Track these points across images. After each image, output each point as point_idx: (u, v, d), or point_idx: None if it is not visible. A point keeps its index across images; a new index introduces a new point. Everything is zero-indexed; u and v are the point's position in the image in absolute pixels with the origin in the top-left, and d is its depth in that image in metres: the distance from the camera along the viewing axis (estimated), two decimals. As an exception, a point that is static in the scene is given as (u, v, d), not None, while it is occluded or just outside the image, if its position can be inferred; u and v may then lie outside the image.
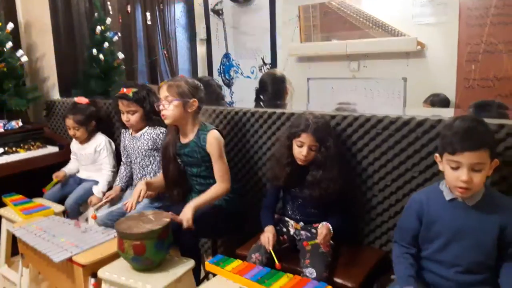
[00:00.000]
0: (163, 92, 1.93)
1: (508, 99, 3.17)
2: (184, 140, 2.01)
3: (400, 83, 3.46)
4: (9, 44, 2.85)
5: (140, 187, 1.93)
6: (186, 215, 1.80)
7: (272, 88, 2.56)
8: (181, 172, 2.07)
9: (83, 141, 2.69)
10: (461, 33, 3.24)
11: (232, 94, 4.39)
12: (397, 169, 1.77)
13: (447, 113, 3.20)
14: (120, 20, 3.71)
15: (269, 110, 2.14)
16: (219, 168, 1.94)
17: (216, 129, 1.98)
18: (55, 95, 3.31)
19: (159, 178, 2.12)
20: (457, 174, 1.30)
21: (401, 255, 1.47)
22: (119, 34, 3.41)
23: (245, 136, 2.24)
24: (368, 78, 3.58)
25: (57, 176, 2.63)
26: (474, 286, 1.36)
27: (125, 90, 2.28)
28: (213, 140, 1.93)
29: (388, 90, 3.54)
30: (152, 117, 2.29)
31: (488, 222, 1.34)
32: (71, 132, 2.64)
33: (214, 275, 1.63)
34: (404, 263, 1.44)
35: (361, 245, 1.91)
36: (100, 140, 2.69)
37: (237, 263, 1.64)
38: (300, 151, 1.75)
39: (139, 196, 1.91)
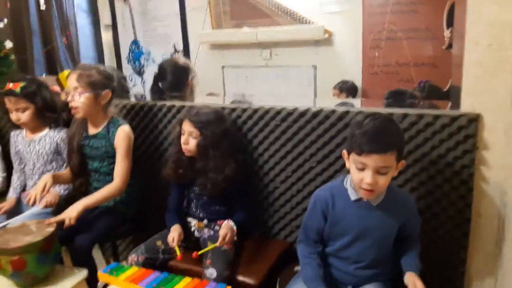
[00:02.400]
0: (72, 82, 1.76)
1: (409, 84, 3.35)
2: (91, 131, 1.88)
3: (310, 70, 3.51)
4: None
5: (46, 178, 1.76)
6: (70, 213, 1.66)
7: (172, 78, 2.40)
8: (85, 163, 1.93)
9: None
10: (364, 21, 3.34)
11: (143, 83, 4.17)
12: (296, 160, 1.77)
13: (356, 102, 3.33)
14: (8, 5, 3.32)
15: (168, 103, 2.04)
16: (122, 167, 1.82)
17: (128, 125, 1.88)
18: None
19: (66, 170, 1.97)
20: (362, 175, 1.26)
21: (308, 255, 1.43)
22: (6, 20, 3.06)
23: (152, 132, 2.12)
24: (280, 66, 3.58)
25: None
26: (372, 279, 1.40)
27: (11, 85, 2.01)
28: (124, 135, 1.83)
29: (299, 78, 3.57)
30: (45, 115, 2.07)
31: (390, 220, 1.37)
32: None
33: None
34: (312, 264, 1.40)
35: (266, 238, 1.91)
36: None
37: (133, 270, 1.54)
38: (182, 139, 1.71)
39: (44, 188, 1.73)
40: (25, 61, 3.25)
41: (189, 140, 1.70)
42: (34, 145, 2.06)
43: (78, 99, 1.76)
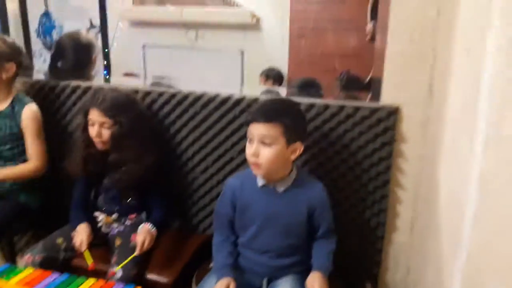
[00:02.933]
0: None
1: (332, 73, 3.39)
2: None
3: (237, 55, 3.42)
4: None
5: None
6: None
7: (73, 56, 2.15)
8: None
9: None
10: (292, 8, 3.32)
11: (56, 60, 3.78)
12: (216, 149, 1.68)
13: (282, 91, 3.30)
14: None
15: (73, 83, 1.82)
16: (36, 147, 1.67)
17: (35, 104, 1.69)
18: None
19: None
20: (249, 148, 1.26)
21: (220, 243, 1.40)
22: None
23: (55, 115, 1.88)
24: (206, 49, 3.44)
25: None
26: (286, 269, 1.36)
27: None
28: (32, 115, 1.67)
29: (226, 63, 3.47)
30: None
31: (297, 207, 1.33)
32: None
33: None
34: (223, 251, 1.37)
35: (184, 232, 1.80)
36: None
37: (27, 272, 1.35)
38: (92, 131, 1.53)
39: None
40: None
41: (102, 131, 1.52)
42: None
43: None
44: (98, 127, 1.51)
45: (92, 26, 3.64)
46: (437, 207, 1.16)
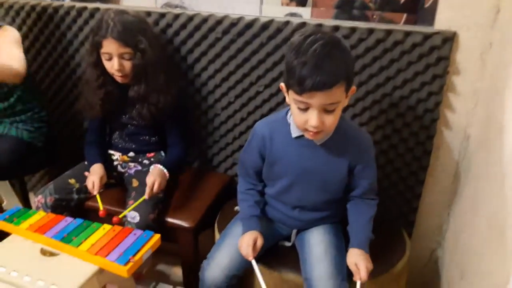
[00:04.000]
0: None
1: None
2: None
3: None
4: None
5: None
6: None
7: None
8: None
9: None
10: None
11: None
12: (240, 83, 1.49)
13: (305, 12, 2.99)
14: None
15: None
16: (11, 52, 1.40)
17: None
18: None
19: None
20: (306, 117, 1.01)
21: (246, 191, 1.26)
22: None
23: (57, 44, 1.69)
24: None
25: None
26: (318, 221, 1.23)
27: None
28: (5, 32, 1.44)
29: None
30: None
31: (337, 163, 1.15)
32: None
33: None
34: (249, 201, 1.23)
35: (205, 171, 1.67)
36: None
37: (38, 216, 1.26)
38: (112, 65, 1.32)
39: None
40: None
41: (123, 63, 1.33)
42: None
43: None
44: (118, 59, 1.31)
45: None
46: (502, 155, 0.97)
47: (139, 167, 1.49)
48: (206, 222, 1.44)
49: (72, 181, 1.43)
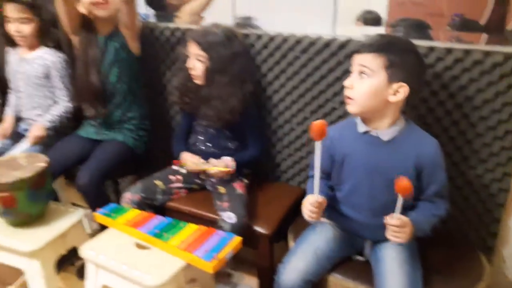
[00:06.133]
0: None
1: (437, 18, 3.01)
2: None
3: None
4: None
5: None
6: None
7: None
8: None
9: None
10: None
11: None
12: (316, 99, 1.56)
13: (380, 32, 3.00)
14: None
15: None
16: None
17: None
18: None
19: None
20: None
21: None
22: None
23: (155, 59, 1.88)
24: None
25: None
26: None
27: None
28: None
29: (314, 3, 3.22)
30: (49, 31, 1.84)
31: (404, 161, 1.18)
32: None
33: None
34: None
35: (279, 183, 1.75)
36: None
37: (133, 213, 1.41)
38: (188, 63, 1.52)
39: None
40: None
41: (195, 64, 1.50)
42: (25, 64, 1.85)
43: None
44: (194, 60, 1.50)
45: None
46: None
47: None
48: (280, 232, 1.51)
49: (158, 182, 1.59)
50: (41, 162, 1.40)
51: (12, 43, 1.86)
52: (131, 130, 1.78)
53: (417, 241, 1.26)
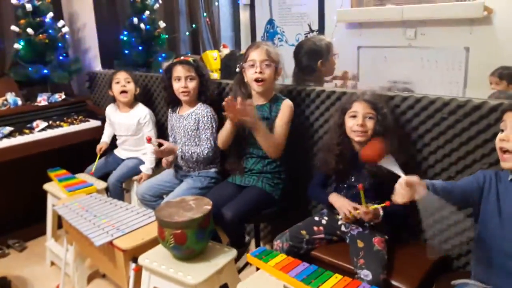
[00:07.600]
0: (261, 55, 1.88)
1: None
2: (258, 102, 1.97)
3: (461, 53, 3.13)
4: (50, 15, 2.77)
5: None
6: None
7: (305, 61, 2.29)
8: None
9: (125, 106, 2.55)
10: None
11: (276, 64, 4.17)
12: (463, 159, 1.57)
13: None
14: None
15: (318, 88, 1.97)
16: (283, 132, 1.91)
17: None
18: (97, 66, 3.26)
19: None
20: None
21: None
22: (160, 1, 3.26)
23: (299, 117, 2.08)
24: (426, 47, 3.26)
25: (100, 148, 2.57)
26: None
27: (182, 58, 2.23)
28: (288, 108, 1.93)
29: (447, 61, 3.21)
30: (207, 88, 2.21)
31: None
32: (118, 87, 2.48)
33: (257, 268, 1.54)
34: None
35: (418, 243, 1.75)
36: (144, 111, 2.54)
37: (280, 257, 1.53)
38: (355, 122, 1.59)
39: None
40: (173, 40, 3.46)
41: (366, 122, 1.59)
42: (183, 120, 2.19)
43: (266, 70, 1.88)
44: (362, 118, 1.59)
45: (311, 30, 3.87)
46: None
47: (361, 229, 1.65)
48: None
49: (303, 232, 1.70)
50: (206, 204, 1.62)
51: (173, 104, 2.26)
52: (268, 178, 1.96)
53: None
